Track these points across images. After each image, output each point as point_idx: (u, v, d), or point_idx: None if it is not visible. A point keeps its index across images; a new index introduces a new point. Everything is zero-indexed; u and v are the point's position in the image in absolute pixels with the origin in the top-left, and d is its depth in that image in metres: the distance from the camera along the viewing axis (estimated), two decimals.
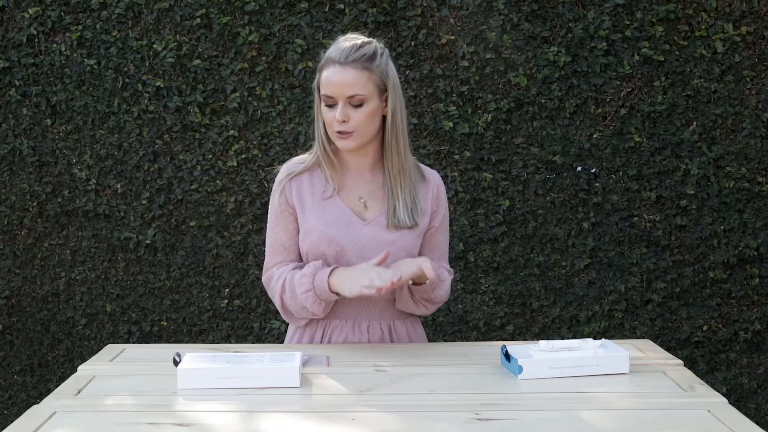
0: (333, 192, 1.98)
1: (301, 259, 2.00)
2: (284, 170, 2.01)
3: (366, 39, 1.93)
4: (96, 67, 3.38)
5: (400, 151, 1.95)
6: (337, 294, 1.86)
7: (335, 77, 1.87)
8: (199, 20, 3.30)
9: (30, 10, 3.36)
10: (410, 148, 2.01)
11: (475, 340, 3.37)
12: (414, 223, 1.95)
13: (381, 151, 1.98)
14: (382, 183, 1.99)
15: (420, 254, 2.02)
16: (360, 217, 1.97)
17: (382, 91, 1.91)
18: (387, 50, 1.96)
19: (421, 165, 2.06)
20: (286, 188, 1.98)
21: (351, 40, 1.91)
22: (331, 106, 1.90)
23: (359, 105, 1.88)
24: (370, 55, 1.89)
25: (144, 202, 3.44)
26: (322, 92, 1.91)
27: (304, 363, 1.76)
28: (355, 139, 1.91)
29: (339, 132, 1.90)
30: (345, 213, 1.97)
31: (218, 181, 3.40)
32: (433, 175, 2.05)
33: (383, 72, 1.90)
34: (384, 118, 1.95)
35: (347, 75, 1.86)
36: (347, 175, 2.01)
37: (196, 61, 3.33)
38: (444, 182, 3.30)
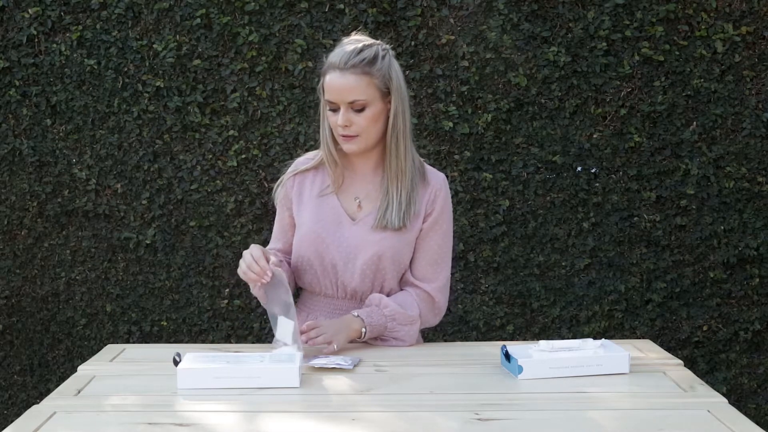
0: (331, 190, 2.01)
1: (290, 250, 2.07)
2: (294, 165, 2.09)
3: (369, 42, 1.92)
4: (96, 67, 3.38)
5: (400, 153, 1.95)
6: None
7: (335, 83, 1.88)
8: (199, 20, 3.30)
9: (30, 10, 3.36)
10: (413, 149, 2.00)
11: (475, 340, 3.37)
12: (402, 224, 1.94)
13: (384, 152, 1.99)
14: (381, 183, 1.99)
15: (413, 257, 2.01)
16: (351, 217, 1.99)
17: (385, 94, 1.92)
18: (391, 51, 1.95)
19: (429, 167, 2.04)
20: (288, 183, 2.06)
21: (353, 43, 1.91)
22: (335, 110, 1.91)
23: (361, 110, 1.89)
24: (371, 59, 1.88)
25: (144, 202, 3.44)
26: (324, 97, 1.92)
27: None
28: (360, 143, 1.93)
29: (344, 135, 1.92)
30: (337, 212, 1.99)
31: (218, 181, 3.40)
32: (436, 179, 2.02)
33: (385, 75, 1.90)
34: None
35: (347, 80, 1.87)
36: (350, 174, 2.03)
37: (196, 61, 3.33)
38: None
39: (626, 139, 3.28)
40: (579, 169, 3.31)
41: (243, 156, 3.38)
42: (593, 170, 3.31)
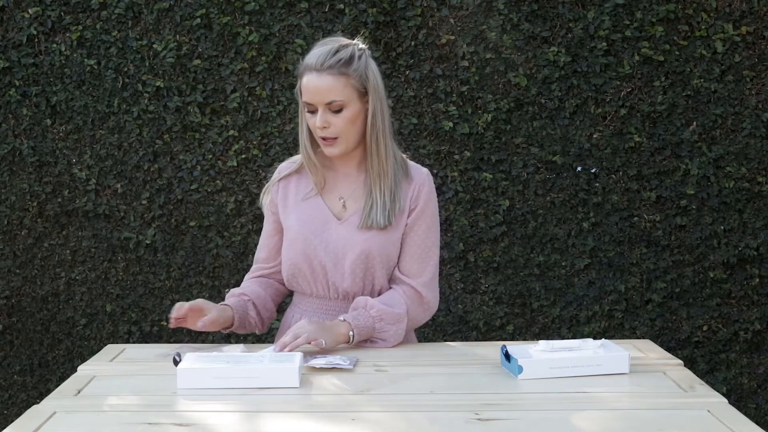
0: (315, 192, 2.01)
1: (276, 256, 2.06)
2: (277, 171, 2.09)
3: (345, 42, 1.92)
4: (96, 67, 3.38)
5: (380, 153, 1.95)
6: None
7: (312, 84, 1.88)
8: (199, 20, 3.30)
9: (30, 10, 3.36)
10: (394, 147, 1.99)
11: (475, 340, 3.37)
12: (388, 222, 1.94)
13: (365, 151, 1.99)
14: (365, 182, 1.99)
15: (399, 253, 2.00)
16: (337, 217, 1.99)
17: (363, 94, 1.91)
18: (367, 51, 1.95)
19: (411, 163, 2.03)
20: (272, 189, 2.06)
21: (327, 44, 1.91)
22: (313, 112, 1.91)
23: (338, 110, 1.89)
24: (347, 60, 1.88)
25: (144, 202, 3.44)
26: (302, 99, 1.92)
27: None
28: (340, 145, 1.93)
29: (323, 138, 1.92)
30: (323, 212, 1.99)
31: (218, 181, 3.40)
32: (419, 174, 2.01)
33: (362, 75, 1.90)
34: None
35: (323, 81, 1.87)
36: (332, 175, 2.03)
37: (196, 61, 3.33)
38: (444, 182, 3.32)
39: (626, 139, 3.28)
40: (579, 169, 3.31)
41: (243, 156, 3.38)
42: (593, 170, 3.31)
